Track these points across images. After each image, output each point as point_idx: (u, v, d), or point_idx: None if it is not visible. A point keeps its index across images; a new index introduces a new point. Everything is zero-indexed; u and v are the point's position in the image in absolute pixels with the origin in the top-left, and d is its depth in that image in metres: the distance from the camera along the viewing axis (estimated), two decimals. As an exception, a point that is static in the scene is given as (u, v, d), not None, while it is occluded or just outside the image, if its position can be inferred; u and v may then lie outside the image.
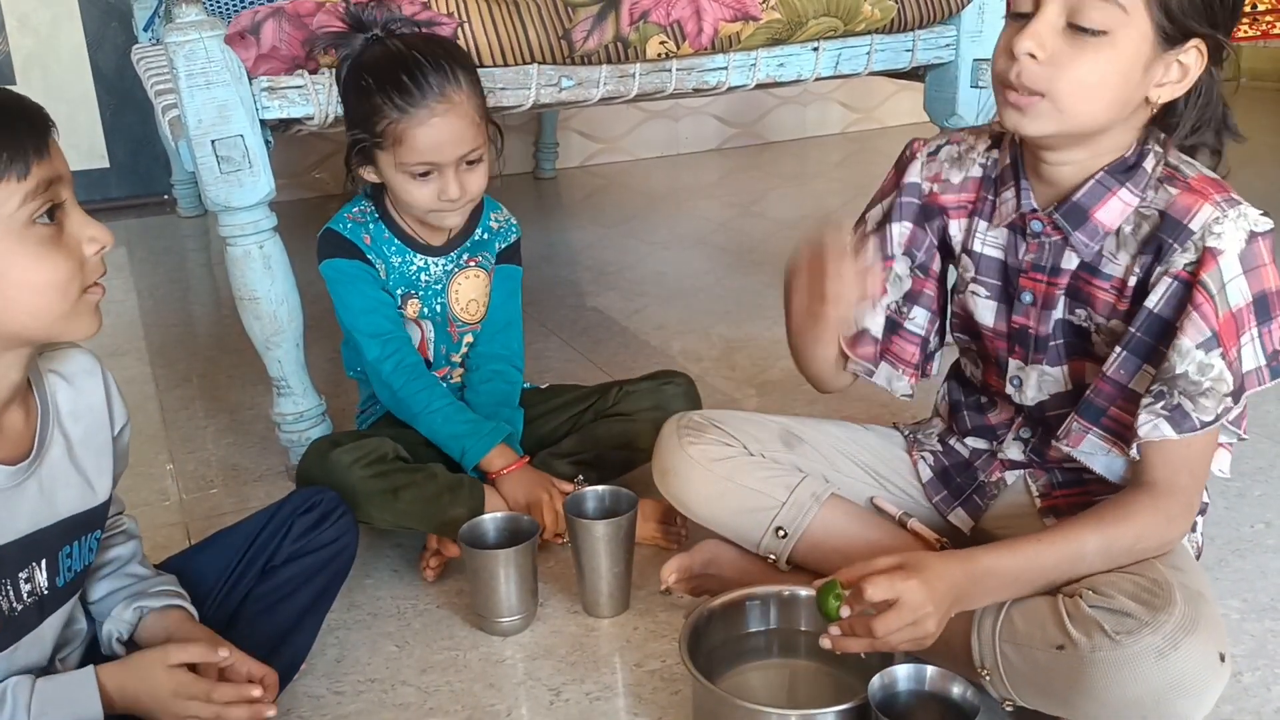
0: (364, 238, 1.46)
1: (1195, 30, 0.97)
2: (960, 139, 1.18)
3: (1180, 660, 0.92)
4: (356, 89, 1.36)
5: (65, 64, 3.22)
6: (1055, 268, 1.09)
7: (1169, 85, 0.99)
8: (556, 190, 3.49)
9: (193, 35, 1.36)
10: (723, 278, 2.56)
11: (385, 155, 1.37)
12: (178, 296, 2.64)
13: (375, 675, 1.22)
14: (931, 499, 1.25)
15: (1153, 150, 1.04)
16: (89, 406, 1.00)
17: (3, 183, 0.83)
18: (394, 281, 1.48)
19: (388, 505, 1.35)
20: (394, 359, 1.44)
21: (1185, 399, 0.99)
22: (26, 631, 0.94)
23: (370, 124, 1.35)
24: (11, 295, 0.86)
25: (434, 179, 1.37)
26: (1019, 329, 1.13)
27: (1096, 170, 1.05)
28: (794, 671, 1.16)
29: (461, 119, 1.36)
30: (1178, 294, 1.00)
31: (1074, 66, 0.97)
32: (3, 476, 0.91)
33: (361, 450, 1.36)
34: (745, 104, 3.93)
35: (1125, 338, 1.03)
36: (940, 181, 1.18)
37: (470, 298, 1.53)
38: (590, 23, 1.58)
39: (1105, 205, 1.04)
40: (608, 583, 1.28)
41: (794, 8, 1.71)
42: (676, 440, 1.28)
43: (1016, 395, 1.16)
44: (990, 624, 1.01)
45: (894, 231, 1.19)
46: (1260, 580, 1.31)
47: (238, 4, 2.11)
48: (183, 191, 3.30)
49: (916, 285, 1.20)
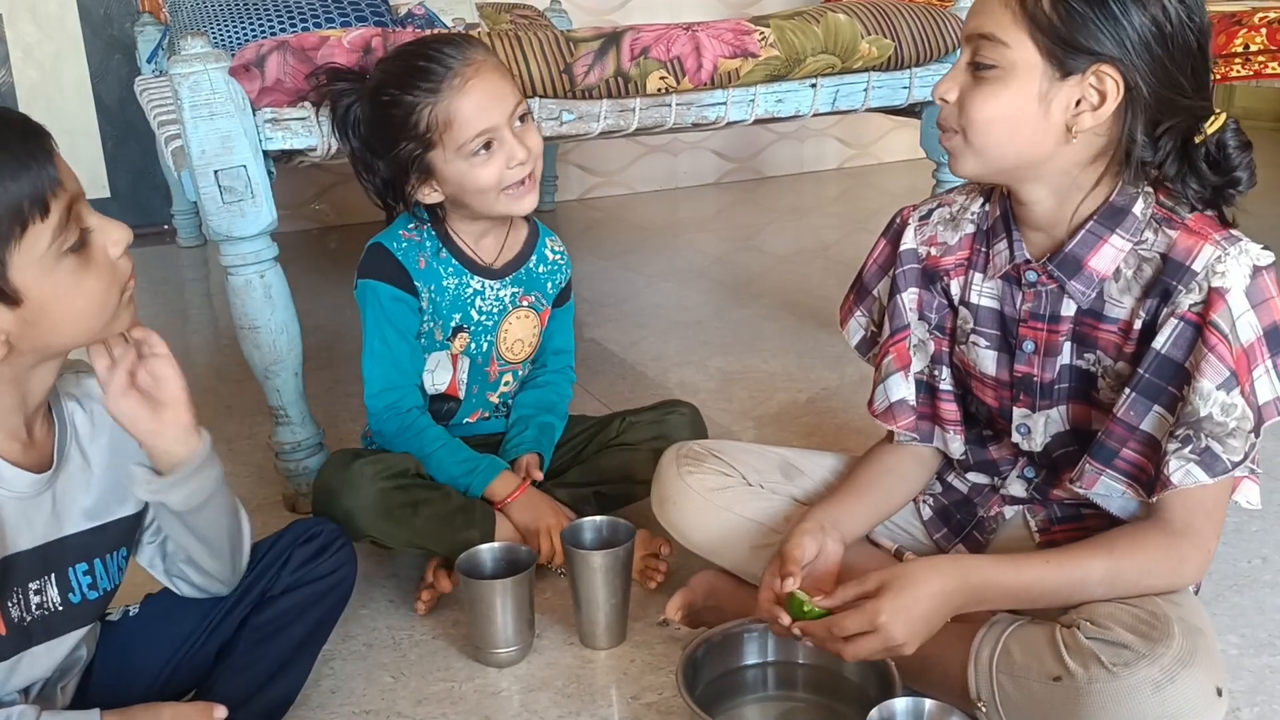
0: (418, 260, 1.42)
1: (1091, 54, 0.97)
2: (951, 200, 1.19)
3: (1177, 694, 0.92)
4: (382, 108, 1.34)
5: (68, 95, 3.25)
6: (1054, 315, 1.09)
7: (1085, 113, 1.00)
8: (555, 223, 3.51)
9: (197, 67, 1.38)
10: (720, 310, 2.57)
11: (439, 153, 1.33)
12: (177, 326, 2.65)
13: (370, 706, 1.21)
14: (932, 535, 1.25)
15: (1141, 194, 1.05)
16: (104, 426, 1.01)
17: (31, 227, 0.83)
18: (446, 307, 1.44)
19: (406, 521, 1.33)
20: (392, 407, 1.43)
21: (1213, 441, 0.99)
22: (32, 644, 0.94)
23: (413, 129, 1.32)
24: (59, 324, 0.87)
25: (496, 152, 1.33)
26: (1022, 377, 1.13)
27: (1079, 215, 1.06)
28: (791, 704, 1.16)
29: (495, 72, 1.34)
30: (1185, 335, 1.00)
31: (974, 103, 1.02)
32: (29, 483, 0.93)
33: (383, 463, 1.35)
34: (743, 139, 3.96)
35: (1134, 379, 1.03)
36: (936, 244, 1.18)
37: (517, 338, 1.51)
38: (591, 58, 1.60)
39: (1098, 253, 1.05)
40: (605, 614, 1.28)
41: (792, 45, 1.73)
42: (675, 470, 1.28)
43: (1024, 443, 1.16)
44: (987, 654, 1.01)
45: (904, 300, 1.19)
46: (1258, 615, 1.30)
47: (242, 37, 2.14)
48: (183, 221, 3.32)
49: (937, 346, 1.20)
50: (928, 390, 1.21)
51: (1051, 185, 1.06)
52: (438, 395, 1.49)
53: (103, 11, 3.24)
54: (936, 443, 1.22)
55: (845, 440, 1.77)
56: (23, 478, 0.92)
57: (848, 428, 1.88)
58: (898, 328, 1.20)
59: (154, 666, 1.10)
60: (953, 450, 1.21)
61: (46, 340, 0.88)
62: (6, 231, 0.82)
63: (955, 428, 1.20)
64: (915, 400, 1.20)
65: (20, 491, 0.92)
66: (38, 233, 0.83)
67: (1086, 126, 1.00)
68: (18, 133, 0.84)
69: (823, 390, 2.06)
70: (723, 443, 1.34)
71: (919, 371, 1.21)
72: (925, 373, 1.21)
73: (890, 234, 1.23)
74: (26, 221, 0.82)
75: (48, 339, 0.88)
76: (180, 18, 2.46)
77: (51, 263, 0.85)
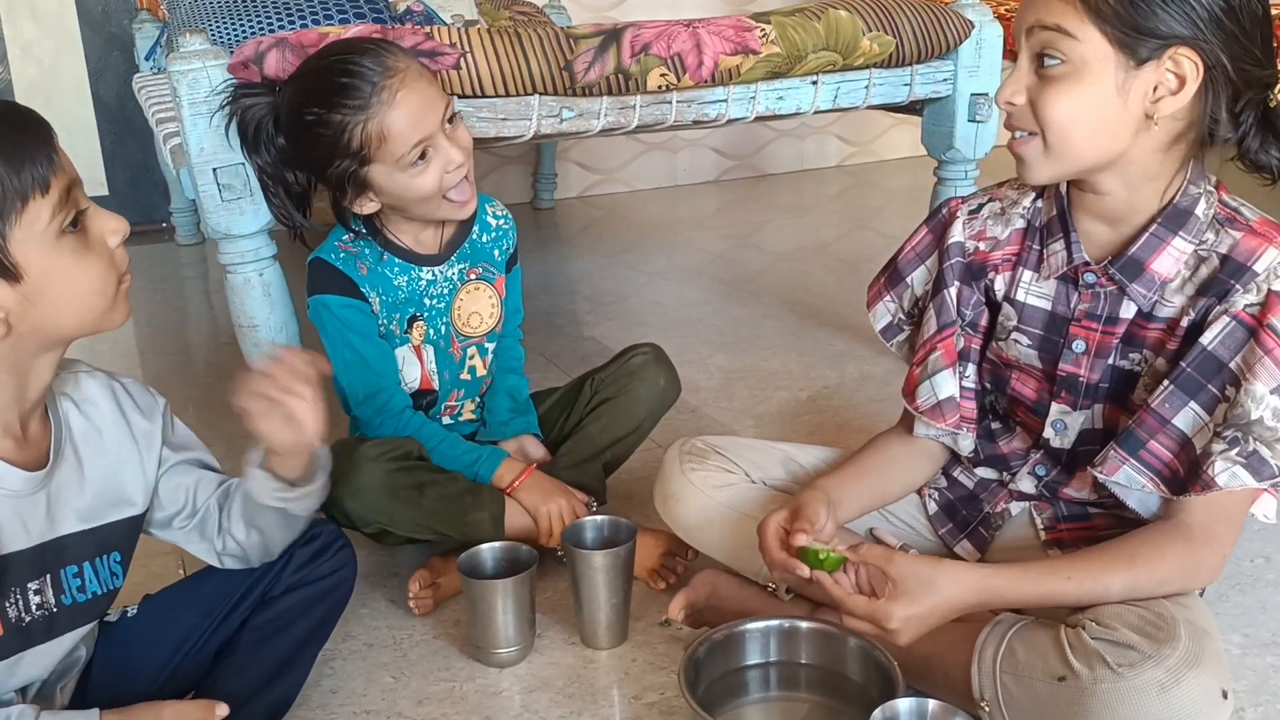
0: (359, 268, 1.40)
1: (1163, 37, 0.95)
2: (1001, 195, 1.17)
3: (1182, 695, 0.91)
4: (306, 128, 1.30)
5: (67, 93, 3.24)
6: (1112, 317, 1.07)
7: (1165, 99, 0.97)
8: (555, 220, 3.51)
9: (196, 64, 1.37)
10: (720, 308, 2.56)
11: (375, 167, 1.31)
12: (175, 324, 2.64)
13: (371, 706, 1.21)
14: (937, 531, 1.25)
15: (1204, 193, 1.03)
16: (99, 428, 1.01)
17: (31, 202, 0.84)
18: (400, 305, 1.43)
19: (412, 502, 1.32)
20: (380, 411, 1.42)
21: (1262, 445, 0.98)
22: (32, 645, 0.94)
23: (345, 148, 1.29)
24: (59, 304, 0.88)
25: (432, 159, 1.31)
26: (1066, 376, 1.12)
27: (1146, 211, 1.04)
28: (794, 704, 1.15)
29: (421, 79, 1.31)
30: (1236, 334, 0.99)
31: (1050, 104, 0.99)
32: (22, 481, 0.92)
33: (388, 446, 1.34)
34: (743, 137, 3.96)
35: (1175, 372, 1.01)
36: (985, 239, 1.16)
37: (473, 310, 1.50)
38: (592, 54, 1.59)
39: (1160, 256, 1.03)
40: (606, 614, 1.27)
41: (793, 42, 1.73)
42: (678, 466, 1.28)
43: (1056, 439, 1.15)
44: (991, 654, 1.01)
45: (951, 296, 1.17)
46: (1261, 615, 1.30)
47: (241, 34, 2.13)
48: (181, 219, 3.31)
49: (967, 342, 1.19)
50: None
51: (1128, 175, 1.03)
52: (415, 393, 1.48)
53: (101, 9, 3.23)
54: (948, 441, 1.22)
55: (846, 438, 1.77)
56: (16, 475, 0.92)
57: (848, 426, 1.88)
58: (945, 323, 1.17)
59: (154, 666, 1.09)
60: (963, 448, 1.21)
61: (46, 322, 0.88)
62: (8, 205, 0.83)
63: (970, 425, 1.19)
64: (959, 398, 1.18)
65: (14, 489, 0.92)
66: (38, 208, 0.85)
67: (1168, 112, 0.97)
68: (17, 113, 0.87)
69: (823, 388, 2.05)
70: (725, 439, 1.33)
71: None
72: None
73: (934, 224, 1.21)
74: (27, 196, 0.84)
75: (47, 320, 0.88)
76: (179, 15, 2.45)
77: (52, 240, 0.86)
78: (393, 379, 1.44)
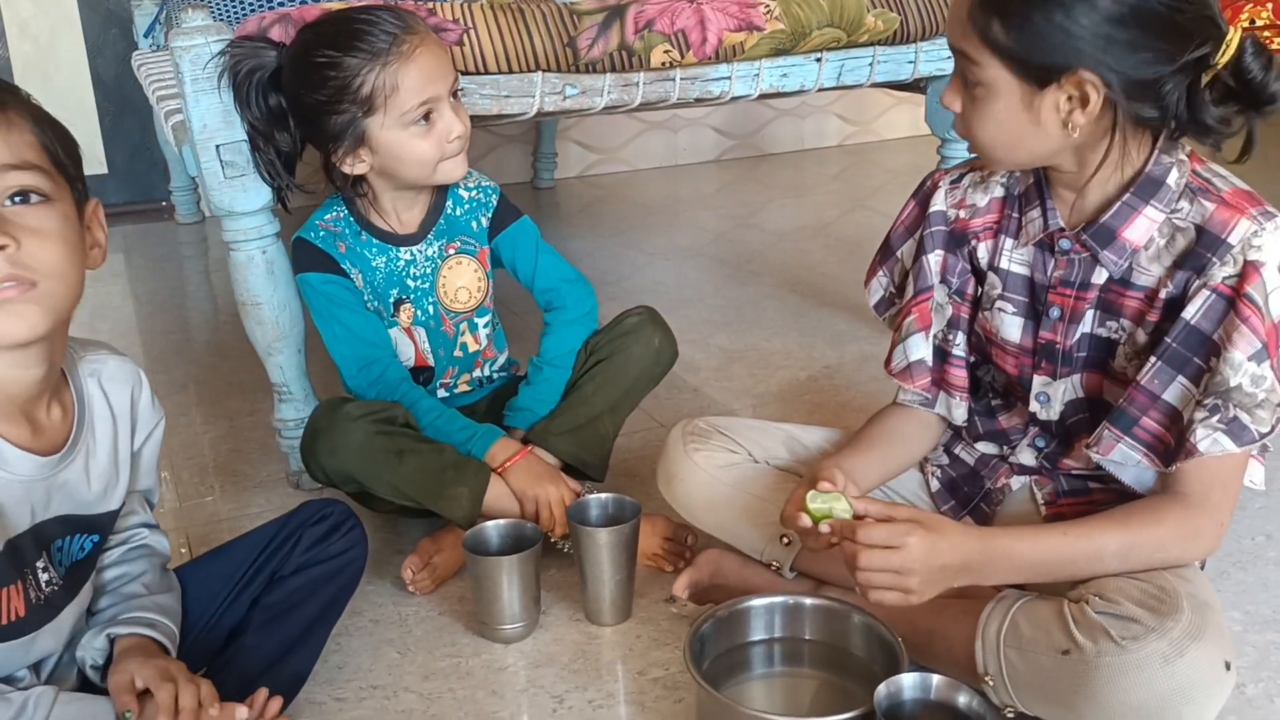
0: (338, 246, 1.42)
1: (1056, 66, 0.97)
2: (981, 165, 1.19)
3: (1186, 667, 0.92)
4: (316, 69, 1.30)
5: (64, 71, 3.22)
6: (1085, 283, 1.10)
7: (1075, 112, 1.00)
8: (555, 200, 3.50)
9: (198, 40, 1.36)
10: (720, 288, 2.56)
11: (377, 118, 1.31)
12: (175, 303, 2.63)
13: (377, 682, 1.22)
14: (940, 508, 1.25)
15: (1176, 162, 1.04)
16: (109, 416, 1.01)
17: None
18: (383, 285, 1.44)
19: (390, 468, 1.31)
20: (376, 383, 1.41)
21: (1241, 411, 0.99)
22: (47, 621, 0.95)
23: (355, 92, 1.29)
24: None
25: (435, 123, 1.33)
26: (1045, 344, 1.13)
27: (1114, 181, 1.05)
28: (798, 680, 1.16)
29: (437, 46, 1.34)
30: (1216, 307, 1.00)
31: (970, 122, 1.06)
32: (36, 466, 0.92)
33: (372, 408, 1.33)
34: (743, 116, 3.94)
35: (1161, 348, 1.03)
36: (966, 207, 1.18)
37: (459, 285, 1.49)
38: (595, 31, 1.58)
39: (1132, 224, 1.05)
40: (610, 590, 1.28)
41: (798, 18, 1.72)
42: (681, 446, 1.28)
43: (1042, 411, 1.16)
44: (995, 629, 1.01)
45: (930, 262, 1.19)
46: (1262, 593, 1.31)
47: (244, 9, 2.12)
48: (180, 198, 3.30)
49: (955, 310, 1.20)
50: (939, 354, 1.21)
51: (1080, 157, 1.05)
52: (411, 369, 1.48)
53: (98, -15, 3.21)
54: (940, 409, 1.23)
55: (847, 418, 1.77)
56: (28, 460, 0.91)
57: (849, 405, 1.88)
58: (922, 288, 1.20)
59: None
60: (956, 417, 1.22)
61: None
62: None
63: (961, 394, 1.21)
64: (932, 363, 1.21)
65: (26, 475, 0.91)
66: None
67: (1082, 123, 1.00)
68: None
69: (824, 368, 2.05)
70: (729, 419, 1.34)
71: (935, 335, 1.21)
72: (939, 336, 1.21)
73: (919, 196, 1.23)
74: None
75: None
76: (178, -9, 2.43)
77: None
78: (386, 349, 1.44)
